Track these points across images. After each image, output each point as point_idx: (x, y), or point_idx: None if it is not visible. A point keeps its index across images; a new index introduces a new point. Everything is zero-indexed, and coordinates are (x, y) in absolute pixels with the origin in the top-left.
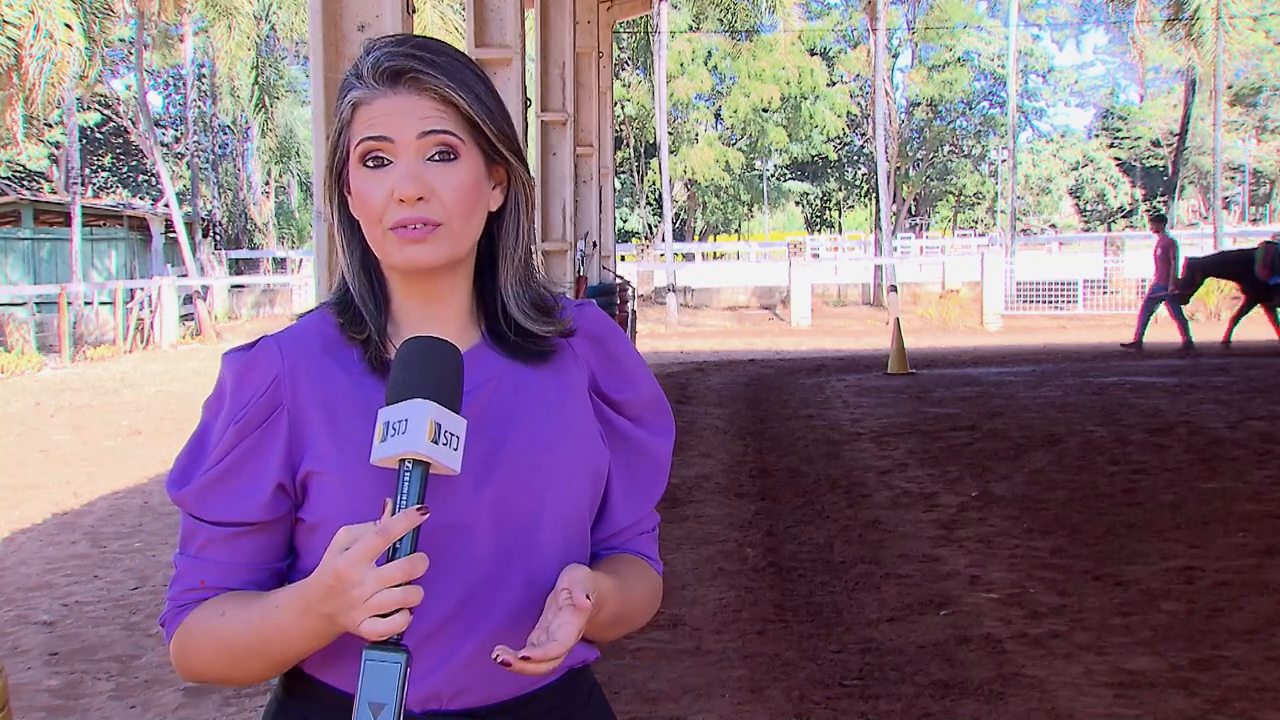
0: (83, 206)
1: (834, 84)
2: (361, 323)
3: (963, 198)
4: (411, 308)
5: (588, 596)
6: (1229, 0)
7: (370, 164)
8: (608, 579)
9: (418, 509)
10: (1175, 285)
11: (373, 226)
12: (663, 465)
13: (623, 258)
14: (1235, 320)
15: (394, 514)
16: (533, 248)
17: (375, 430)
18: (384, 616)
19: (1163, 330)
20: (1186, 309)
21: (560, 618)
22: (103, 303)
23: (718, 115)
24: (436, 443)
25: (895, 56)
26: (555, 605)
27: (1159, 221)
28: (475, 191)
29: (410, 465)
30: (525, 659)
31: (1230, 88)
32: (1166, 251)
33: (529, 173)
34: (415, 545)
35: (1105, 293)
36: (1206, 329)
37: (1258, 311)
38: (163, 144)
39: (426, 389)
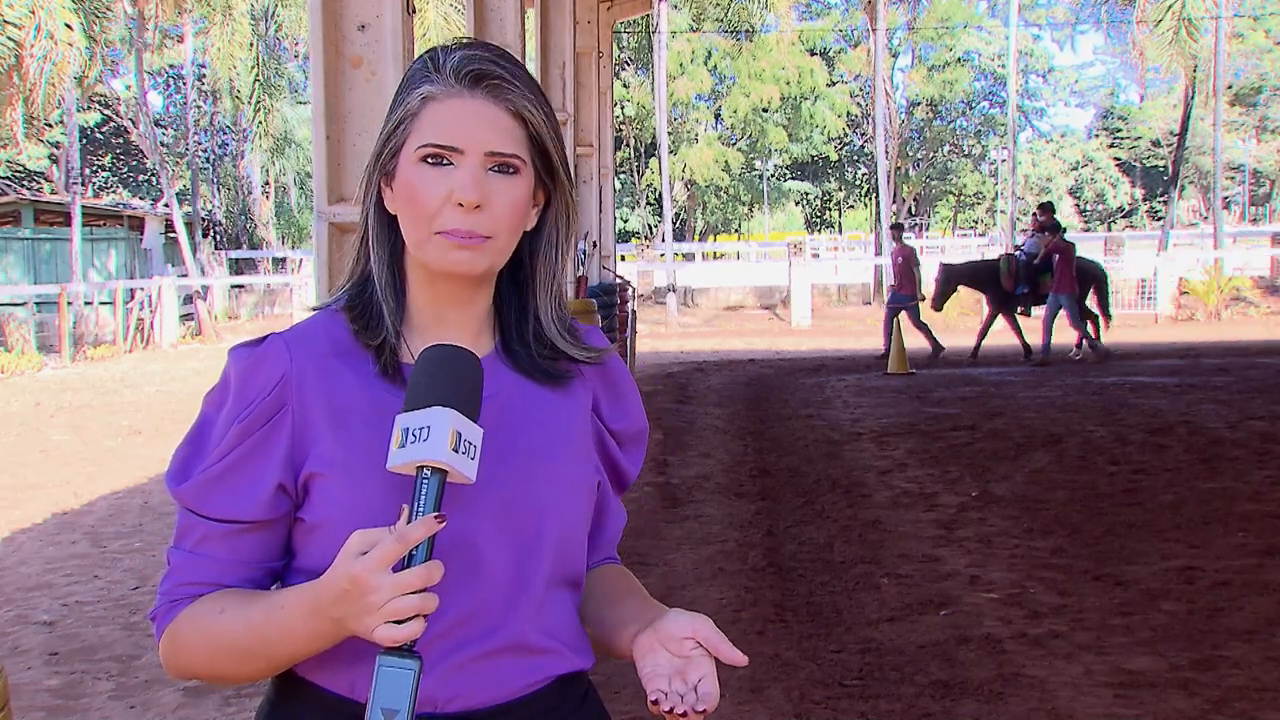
0: (83, 206)
1: (834, 84)
2: (376, 326)
3: (963, 198)
4: (430, 311)
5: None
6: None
7: (430, 161)
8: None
9: (435, 516)
10: (921, 292)
11: (420, 224)
12: (628, 487)
13: (623, 258)
14: (983, 333)
15: (410, 521)
16: (567, 272)
17: (393, 436)
18: (398, 623)
19: (995, 337)
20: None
21: (699, 668)
22: (103, 303)
23: (718, 115)
24: (457, 451)
25: (895, 56)
26: (676, 653)
27: (897, 229)
28: (525, 209)
29: (429, 473)
30: (703, 713)
31: (1230, 88)
32: (907, 260)
33: (574, 198)
34: (431, 553)
35: None
36: (1205, 329)
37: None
38: (163, 144)
39: (448, 397)
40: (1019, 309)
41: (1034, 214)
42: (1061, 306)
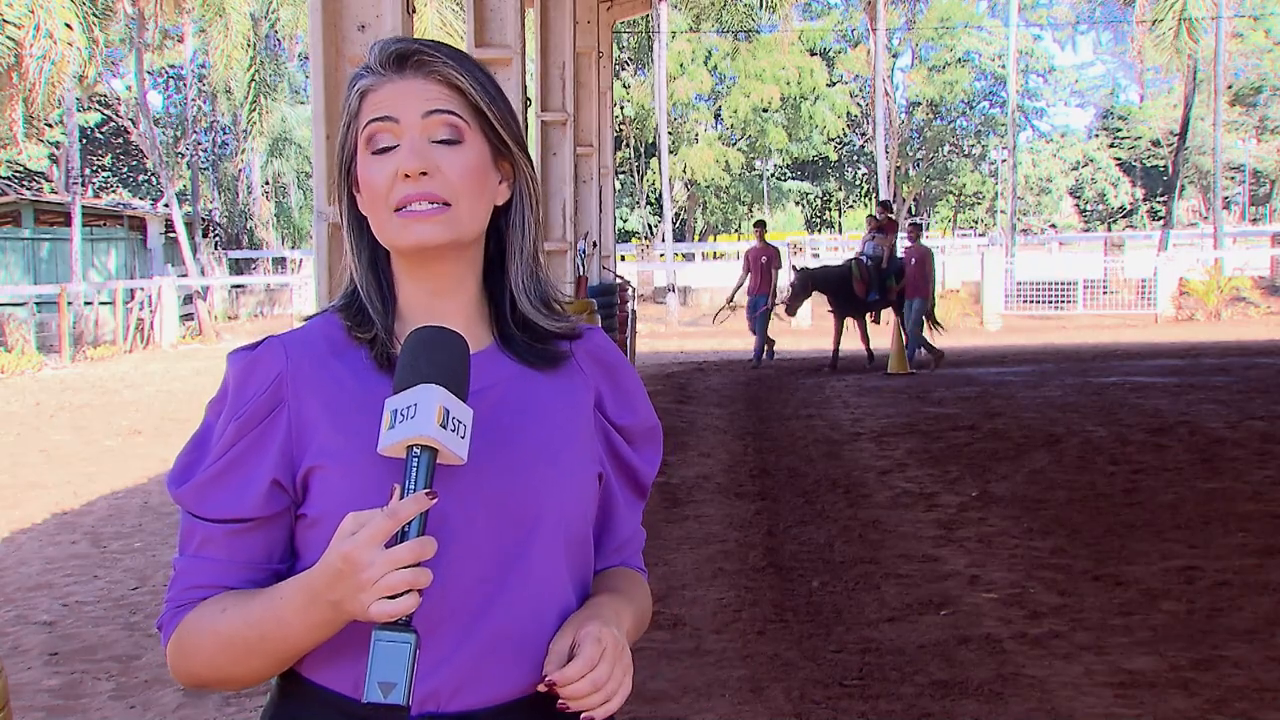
0: (83, 206)
1: (834, 84)
2: (368, 322)
3: (963, 198)
4: (419, 301)
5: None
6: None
7: (376, 151)
8: (624, 610)
9: (426, 493)
10: (779, 295)
11: (379, 210)
12: (647, 488)
13: (623, 258)
14: (838, 339)
15: (402, 499)
16: (540, 246)
17: (382, 419)
18: (392, 599)
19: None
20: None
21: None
22: (103, 303)
23: (718, 115)
24: (445, 428)
25: (895, 56)
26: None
27: (760, 227)
28: (481, 174)
29: (418, 451)
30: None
31: (1230, 88)
32: (770, 261)
33: (533, 167)
34: (424, 530)
35: (1105, 293)
36: (1205, 329)
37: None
38: (162, 144)
39: (434, 376)
40: (869, 315)
41: (872, 214)
42: (915, 311)
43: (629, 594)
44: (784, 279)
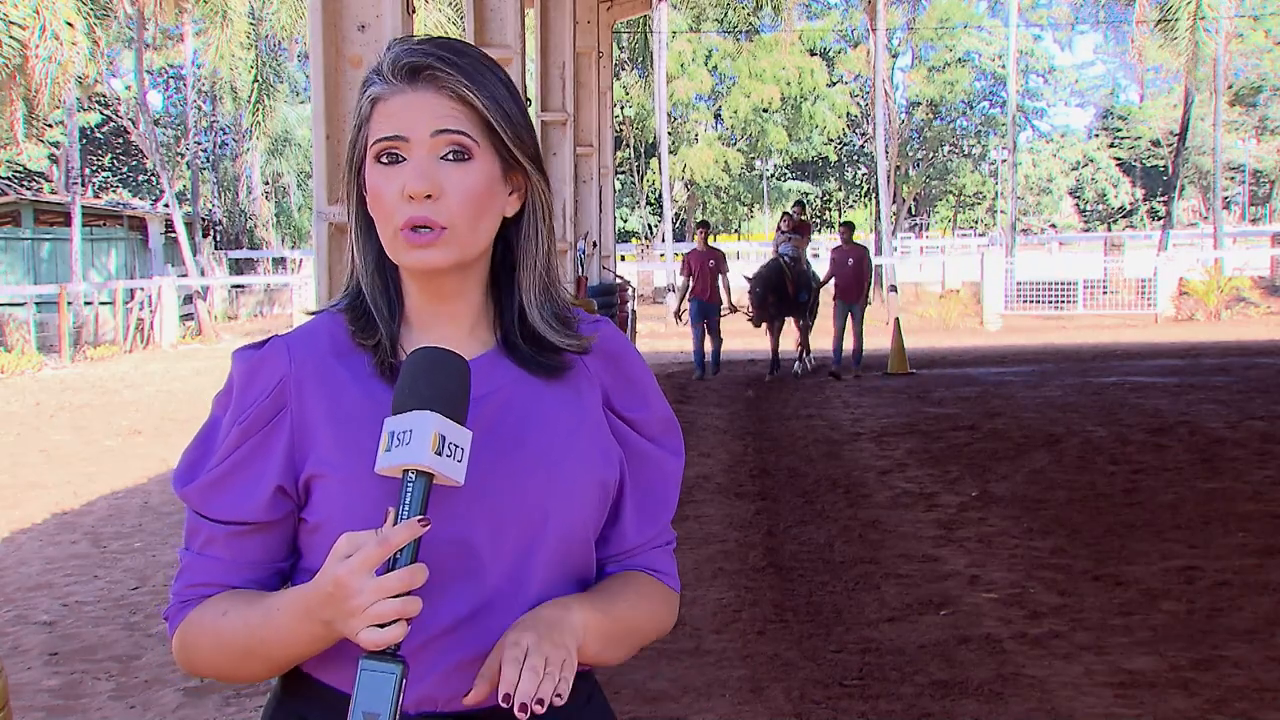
0: (83, 206)
1: (834, 84)
2: (372, 327)
3: (963, 198)
4: (424, 306)
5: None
6: (1205, 2)
7: (385, 160)
8: (578, 604)
9: (419, 520)
10: (728, 301)
11: (385, 224)
12: (674, 484)
13: (623, 258)
14: (776, 341)
15: (395, 524)
16: (554, 258)
17: (380, 439)
18: (382, 627)
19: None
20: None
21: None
22: (103, 303)
23: (718, 115)
24: (440, 454)
25: (895, 56)
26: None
27: (704, 229)
28: (486, 194)
29: (413, 476)
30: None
31: (1230, 88)
32: (718, 265)
33: (547, 179)
34: (416, 556)
35: (1105, 293)
36: (1205, 329)
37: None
38: (163, 144)
39: (432, 400)
40: (796, 319)
41: (786, 214)
42: (850, 314)
43: (609, 589)
44: (732, 283)
